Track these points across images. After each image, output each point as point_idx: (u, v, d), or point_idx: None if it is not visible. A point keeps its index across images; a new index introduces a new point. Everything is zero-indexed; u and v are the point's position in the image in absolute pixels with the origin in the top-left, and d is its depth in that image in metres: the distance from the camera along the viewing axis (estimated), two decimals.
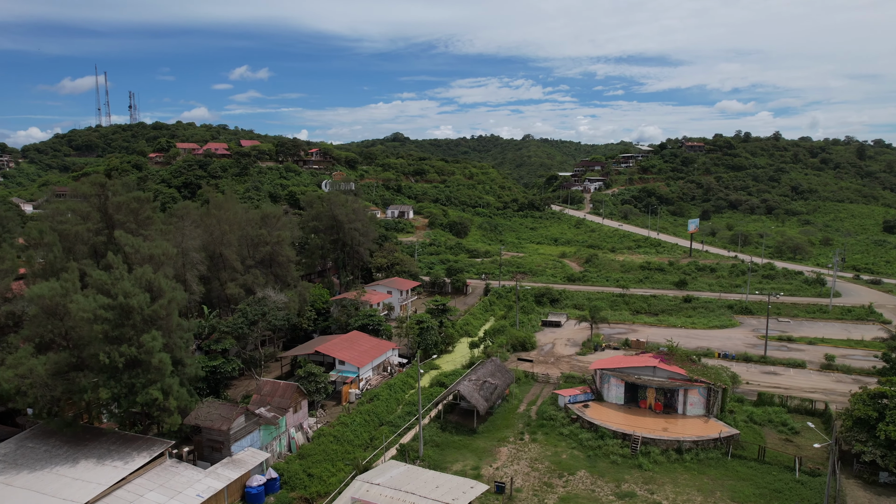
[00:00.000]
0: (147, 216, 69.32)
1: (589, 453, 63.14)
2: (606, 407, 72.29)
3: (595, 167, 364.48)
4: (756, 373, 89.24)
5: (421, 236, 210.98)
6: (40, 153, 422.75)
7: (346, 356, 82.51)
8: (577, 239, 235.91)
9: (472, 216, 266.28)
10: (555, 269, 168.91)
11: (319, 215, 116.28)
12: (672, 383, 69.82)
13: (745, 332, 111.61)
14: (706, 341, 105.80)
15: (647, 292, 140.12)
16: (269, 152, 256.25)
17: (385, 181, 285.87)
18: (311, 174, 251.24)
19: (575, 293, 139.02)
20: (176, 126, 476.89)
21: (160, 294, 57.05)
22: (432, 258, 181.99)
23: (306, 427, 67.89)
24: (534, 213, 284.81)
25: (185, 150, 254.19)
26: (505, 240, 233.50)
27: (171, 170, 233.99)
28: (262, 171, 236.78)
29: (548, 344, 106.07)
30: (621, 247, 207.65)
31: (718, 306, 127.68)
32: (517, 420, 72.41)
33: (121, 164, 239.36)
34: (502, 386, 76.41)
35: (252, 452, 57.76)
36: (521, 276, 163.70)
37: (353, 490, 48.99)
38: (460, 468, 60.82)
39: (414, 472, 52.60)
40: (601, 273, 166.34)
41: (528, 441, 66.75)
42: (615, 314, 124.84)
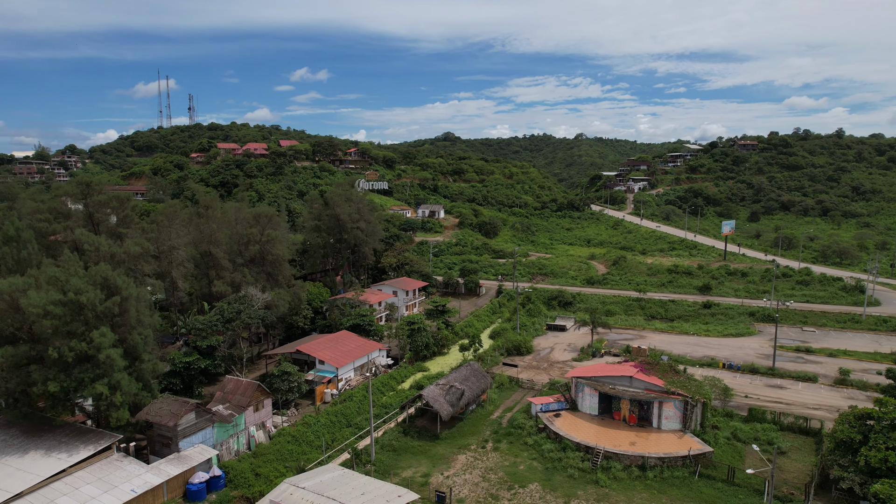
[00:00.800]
0: (126, 215, 71.25)
1: (548, 465, 60.56)
2: (579, 417, 69.25)
3: (640, 167, 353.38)
4: (760, 386, 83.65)
5: (449, 236, 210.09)
6: (105, 154, 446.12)
7: (325, 356, 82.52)
8: (611, 240, 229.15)
9: (508, 216, 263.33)
10: (578, 271, 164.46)
11: (321, 215, 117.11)
12: (647, 395, 66.15)
13: (761, 342, 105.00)
14: (715, 350, 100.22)
15: (667, 297, 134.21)
16: (305, 152, 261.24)
17: (422, 180, 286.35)
18: (346, 173, 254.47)
19: (590, 296, 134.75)
20: (230, 127, 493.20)
21: (116, 291, 58.37)
22: (454, 258, 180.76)
23: (270, 426, 68.14)
24: (572, 213, 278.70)
25: (226, 150, 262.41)
26: (537, 240, 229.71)
27: (209, 169, 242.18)
28: (297, 171, 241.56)
29: (546, 349, 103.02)
30: (653, 249, 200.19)
31: (739, 313, 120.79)
32: (486, 427, 70.39)
33: (164, 163, 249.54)
34: (475, 391, 74.49)
35: (201, 449, 58.28)
36: (540, 278, 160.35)
37: (275, 493, 48.58)
38: (410, 475, 59.56)
39: (347, 477, 51.69)
40: (625, 276, 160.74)
41: (490, 450, 64.69)
42: (628, 319, 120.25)
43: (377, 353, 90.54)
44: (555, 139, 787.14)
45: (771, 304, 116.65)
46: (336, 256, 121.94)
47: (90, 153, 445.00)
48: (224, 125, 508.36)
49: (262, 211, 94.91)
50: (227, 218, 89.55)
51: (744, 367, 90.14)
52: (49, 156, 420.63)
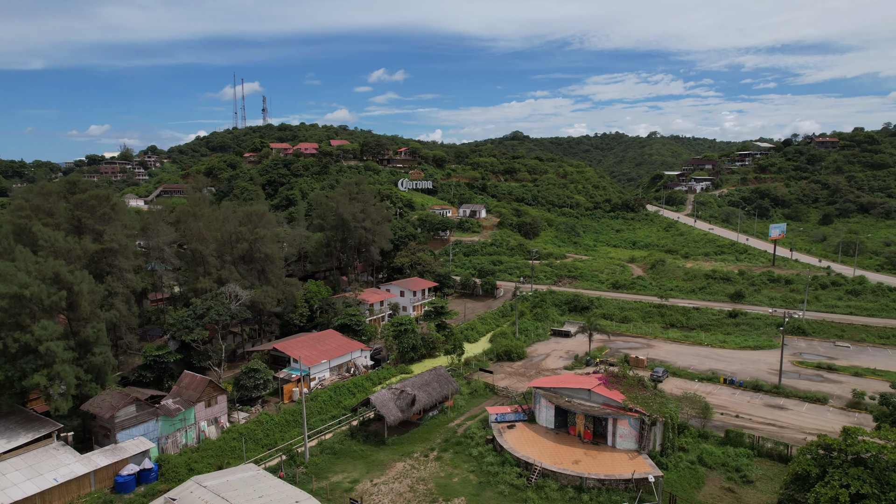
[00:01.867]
0: (104, 213, 74.27)
1: (482, 479, 57.68)
2: (533, 430, 65.67)
3: (705, 166, 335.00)
4: (758, 405, 76.44)
5: (486, 236, 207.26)
6: (182, 154, 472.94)
7: (298, 354, 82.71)
8: (660, 243, 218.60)
9: (557, 216, 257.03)
10: (610, 275, 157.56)
11: (325, 214, 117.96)
12: (602, 410, 61.74)
13: (785, 356, 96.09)
14: (725, 363, 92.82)
15: (692, 304, 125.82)
16: (353, 151, 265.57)
17: (471, 180, 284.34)
18: (392, 173, 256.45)
19: (609, 301, 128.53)
20: (298, 127, 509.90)
21: (68, 286, 60.75)
22: (484, 259, 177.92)
23: (224, 422, 69.03)
24: (625, 214, 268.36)
25: (277, 150, 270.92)
26: (580, 242, 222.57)
27: (259, 168, 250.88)
28: (342, 170, 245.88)
29: (542, 355, 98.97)
30: (698, 253, 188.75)
31: (766, 324, 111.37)
32: (439, 435, 68.14)
33: (218, 163, 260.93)
34: (435, 397, 72.36)
35: (139, 441, 59.71)
36: (567, 281, 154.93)
37: (175, 490, 48.78)
38: (339, 479, 58.44)
39: (255, 478, 51.23)
40: (659, 280, 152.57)
41: (432, 459, 62.46)
42: (643, 326, 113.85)
43: (359, 354, 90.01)
44: (627, 137, 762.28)
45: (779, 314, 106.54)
46: (340, 256, 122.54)
47: (168, 153, 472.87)
48: (293, 125, 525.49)
49: (253, 210, 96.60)
50: (216, 217, 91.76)
51: (746, 384, 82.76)
52: (132, 156, 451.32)
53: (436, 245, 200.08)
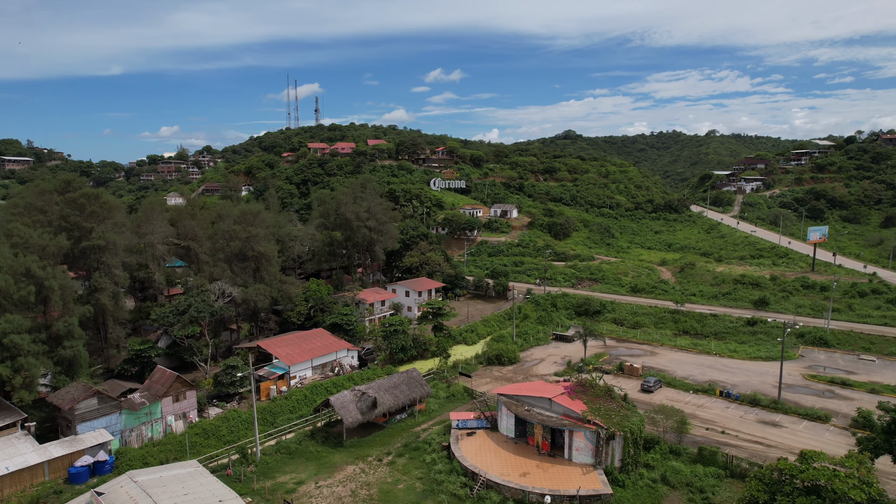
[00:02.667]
0: (92, 211, 76.85)
1: (427, 487, 56.06)
2: (493, 438, 63.42)
3: (756, 165, 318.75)
4: (750, 421, 71.33)
5: (514, 236, 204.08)
6: (235, 154, 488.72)
7: (280, 353, 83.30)
8: (697, 245, 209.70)
9: (594, 217, 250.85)
10: (635, 278, 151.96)
11: (328, 213, 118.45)
12: (560, 421, 58.90)
13: (794, 368, 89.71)
14: (729, 374, 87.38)
15: (711, 310, 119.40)
16: (388, 151, 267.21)
17: (508, 179, 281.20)
18: (425, 172, 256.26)
19: (623, 306, 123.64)
20: (348, 127, 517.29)
21: (39, 281, 63.03)
22: (507, 259, 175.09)
23: (193, 417, 70.05)
24: (667, 215, 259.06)
25: (314, 149, 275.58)
26: (614, 244, 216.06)
27: (295, 168, 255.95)
28: (375, 169, 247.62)
29: (536, 360, 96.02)
30: (733, 256, 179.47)
31: (787, 333, 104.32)
32: (401, 439, 66.89)
33: (257, 162, 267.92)
34: (402, 400, 71.07)
35: (99, 434, 61.20)
36: (588, 283, 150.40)
37: (106, 485, 49.52)
38: (285, 480, 58.13)
39: (191, 475, 51.47)
40: (686, 285, 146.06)
41: (386, 463, 61.31)
42: (652, 333, 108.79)
43: (345, 353, 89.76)
44: (684, 136, 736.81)
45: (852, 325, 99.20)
46: (343, 255, 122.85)
47: (222, 153, 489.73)
48: (343, 125, 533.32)
49: (248, 209, 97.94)
50: (208, 216, 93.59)
51: (744, 397, 77.47)
52: (187, 156, 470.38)
53: (461, 245, 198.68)
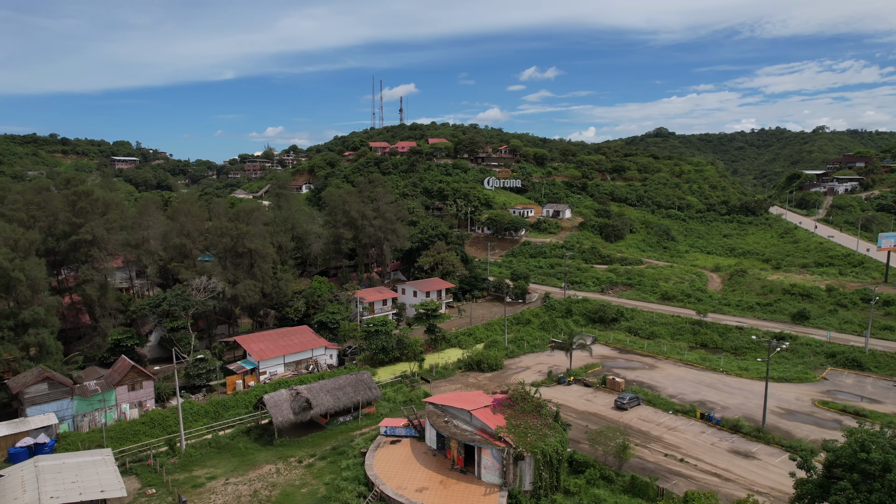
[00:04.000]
0: (81, 207, 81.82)
1: (328, 493, 54.60)
2: (415, 448, 60.77)
3: (855, 164, 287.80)
4: (721, 449, 63.79)
5: (562, 238, 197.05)
6: (318, 152, 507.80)
7: (253, 348, 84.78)
8: (764, 250, 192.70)
9: (660, 219, 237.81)
10: (677, 284, 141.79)
11: (335, 211, 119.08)
12: (472, 436, 55.32)
13: (808, 392, 79.54)
14: (726, 395, 78.98)
15: (738, 322, 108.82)
16: (446, 149, 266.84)
17: (571, 178, 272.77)
18: (482, 171, 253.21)
19: (643, 314, 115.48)
20: (429, 126, 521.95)
21: (6, 272, 67.80)
22: (545, 261, 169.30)
23: (148, 406, 72.69)
24: (742, 217, 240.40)
25: (375, 148, 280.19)
26: (671, 247, 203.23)
27: (352, 167, 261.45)
28: (430, 168, 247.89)
29: (520, 368, 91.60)
30: (795, 264, 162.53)
31: (815, 351, 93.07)
32: (332, 441, 65.86)
33: (319, 161, 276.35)
34: (345, 402, 70.00)
35: (46, 417, 64.78)
36: (621, 289, 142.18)
37: (11, 468, 52.10)
38: (200, 474, 58.86)
39: (91, 463, 53.14)
40: (728, 293, 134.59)
41: (304, 465, 60.54)
42: (670, 344, 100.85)
43: (322, 351, 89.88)
44: (789, 133, 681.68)
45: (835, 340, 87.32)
46: (348, 253, 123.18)
47: (306, 152, 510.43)
48: (424, 124, 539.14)
49: (243, 206, 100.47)
50: (200, 213, 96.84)
51: (725, 422, 69.46)
52: (273, 155, 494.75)
53: (505, 245, 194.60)
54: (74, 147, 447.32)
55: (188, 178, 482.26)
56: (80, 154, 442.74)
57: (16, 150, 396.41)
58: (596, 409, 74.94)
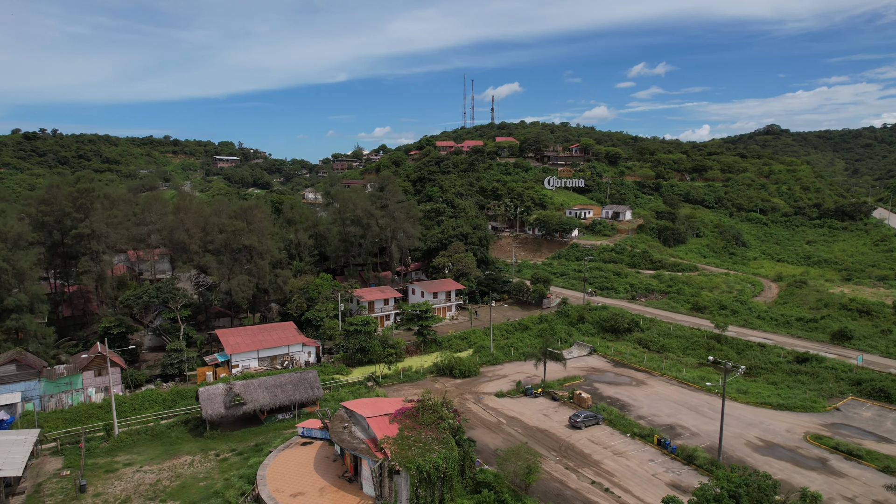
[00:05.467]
0: (81, 204, 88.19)
1: (219, 489, 54.70)
2: (321, 451, 59.49)
3: None
4: (659, 483, 57.02)
5: (616, 240, 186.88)
6: (398, 151, 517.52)
7: (229, 341, 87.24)
8: (847, 260, 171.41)
9: (739, 222, 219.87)
10: (724, 293, 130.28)
11: (344, 209, 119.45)
12: (357, 445, 53.15)
13: (808, 423, 69.32)
14: (706, 420, 70.90)
15: (761, 338, 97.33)
16: (511, 148, 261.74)
17: (644, 178, 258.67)
18: (544, 170, 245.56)
19: (660, 325, 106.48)
20: (517, 125, 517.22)
21: None
22: (590, 264, 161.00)
23: (116, 390, 76.79)
24: (835, 222, 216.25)
25: (441, 147, 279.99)
26: (739, 253, 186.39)
27: (414, 166, 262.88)
28: (490, 167, 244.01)
29: (496, 376, 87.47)
30: (868, 277, 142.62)
31: (839, 377, 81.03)
32: (261, 438, 66.21)
33: (385, 160, 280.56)
34: (282, 399, 70.20)
35: (9, 396, 70.15)
36: (656, 296, 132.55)
37: None
38: (121, 459, 61.44)
39: (12, 443, 56.77)
40: (778, 306, 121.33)
41: (219, 459, 61.33)
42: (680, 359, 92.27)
43: (299, 348, 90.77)
44: None
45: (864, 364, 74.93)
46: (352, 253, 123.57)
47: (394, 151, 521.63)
48: (512, 123, 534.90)
49: (246, 204, 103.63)
50: (200, 210, 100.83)
51: (680, 451, 62.01)
52: (362, 154, 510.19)
53: (554, 247, 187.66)
54: (183, 147, 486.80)
55: (283, 176, 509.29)
56: (188, 154, 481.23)
57: (133, 151, 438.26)
58: (549, 425, 69.76)
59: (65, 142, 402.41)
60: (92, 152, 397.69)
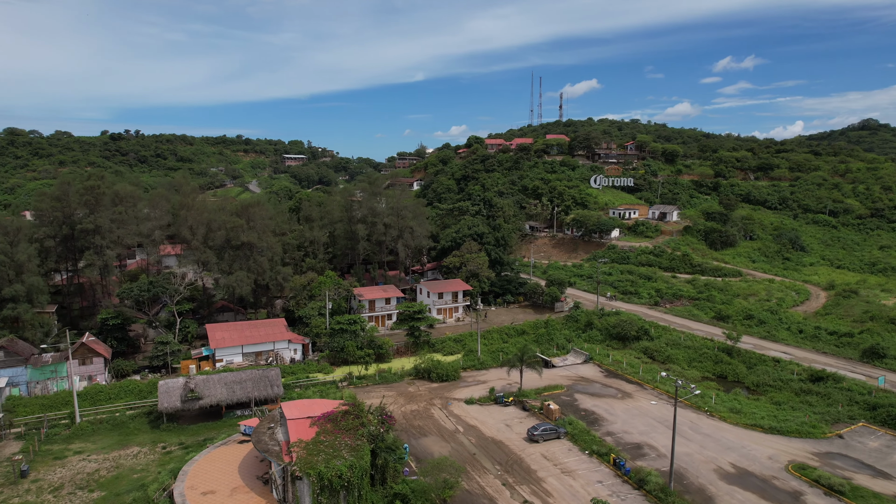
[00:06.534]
0: (86, 200, 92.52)
1: (141, 483, 55.28)
2: (252, 451, 58.74)
3: None
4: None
5: (658, 241, 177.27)
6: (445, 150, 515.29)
7: (215, 336, 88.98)
8: None
9: (803, 224, 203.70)
10: (762, 301, 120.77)
11: (350, 207, 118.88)
12: (270, 448, 52.07)
13: (798, 451, 61.94)
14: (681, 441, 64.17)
15: (780, 352, 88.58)
16: (560, 146, 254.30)
17: (701, 177, 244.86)
18: (592, 169, 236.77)
19: (671, 334, 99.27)
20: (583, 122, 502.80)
21: None
22: (622, 267, 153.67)
23: (98, 379, 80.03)
24: None
25: (489, 145, 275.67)
26: (795, 258, 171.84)
27: (459, 164, 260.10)
28: (536, 165, 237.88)
29: (476, 382, 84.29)
30: None
31: (854, 400, 72.23)
32: (211, 433, 66.52)
33: (433, 159, 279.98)
34: (239, 396, 70.48)
35: None
36: (680, 302, 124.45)
37: None
38: (74, 446, 63.67)
39: None
40: (821, 317, 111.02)
41: (164, 452, 62.18)
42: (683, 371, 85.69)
43: (284, 345, 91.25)
44: None
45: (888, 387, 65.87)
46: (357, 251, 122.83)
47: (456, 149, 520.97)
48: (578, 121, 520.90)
49: (244, 202, 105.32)
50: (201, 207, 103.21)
51: (633, 473, 56.90)
52: (425, 152, 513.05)
53: (590, 248, 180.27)
54: (254, 146, 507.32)
55: (348, 174, 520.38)
56: (258, 153, 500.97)
57: (206, 150, 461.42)
58: (506, 437, 66.16)
59: (145, 142, 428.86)
60: (168, 151, 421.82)
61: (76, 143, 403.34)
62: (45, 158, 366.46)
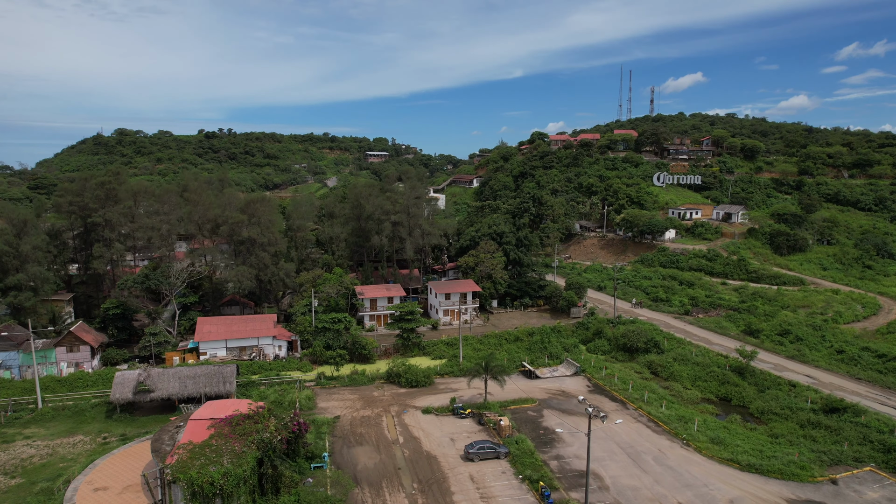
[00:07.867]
0: (96, 195, 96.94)
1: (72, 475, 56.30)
2: None
3: None
4: None
5: (717, 244, 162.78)
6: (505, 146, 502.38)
7: (203, 329, 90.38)
8: None
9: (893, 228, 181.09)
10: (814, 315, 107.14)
11: (357, 204, 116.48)
12: (163, 448, 50.99)
13: (771, 495, 52.79)
14: (638, 473, 57.79)
15: (804, 375, 77.03)
16: (626, 141, 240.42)
17: (782, 175, 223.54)
18: (658, 166, 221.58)
19: (683, 347, 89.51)
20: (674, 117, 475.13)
21: None
22: (664, 272, 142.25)
23: (84, 367, 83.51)
24: None
25: (551, 141, 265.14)
26: (876, 268, 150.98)
27: (518, 161, 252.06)
28: (596, 161, 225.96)
29: (448, 390, 79.65)
30: None
31: (869, 440, 60.96)
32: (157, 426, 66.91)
33: (495, 155, 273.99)
34: (191, 390, 70.68)
35: None
36: (715, 312, 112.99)
37: None
38: (29, 432, 66.28)
39: None
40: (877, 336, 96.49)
41: (103, 442, 63.19)
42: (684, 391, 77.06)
43: (269, 341, 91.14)
44: None
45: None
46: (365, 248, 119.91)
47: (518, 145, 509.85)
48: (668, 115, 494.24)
49: (252, 197, 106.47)
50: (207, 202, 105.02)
51: None
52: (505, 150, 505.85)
53: (640, 250, 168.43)
54: (339, 144, 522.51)
55: (429, 170, 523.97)
56: (343, 150, 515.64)
57: (293, 147, 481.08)
58: (442, 452, 61.58)
59: (236, 140, 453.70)
60: (256, 149, 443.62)
61: (174, 141, 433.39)
62: (146, 156, 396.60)
